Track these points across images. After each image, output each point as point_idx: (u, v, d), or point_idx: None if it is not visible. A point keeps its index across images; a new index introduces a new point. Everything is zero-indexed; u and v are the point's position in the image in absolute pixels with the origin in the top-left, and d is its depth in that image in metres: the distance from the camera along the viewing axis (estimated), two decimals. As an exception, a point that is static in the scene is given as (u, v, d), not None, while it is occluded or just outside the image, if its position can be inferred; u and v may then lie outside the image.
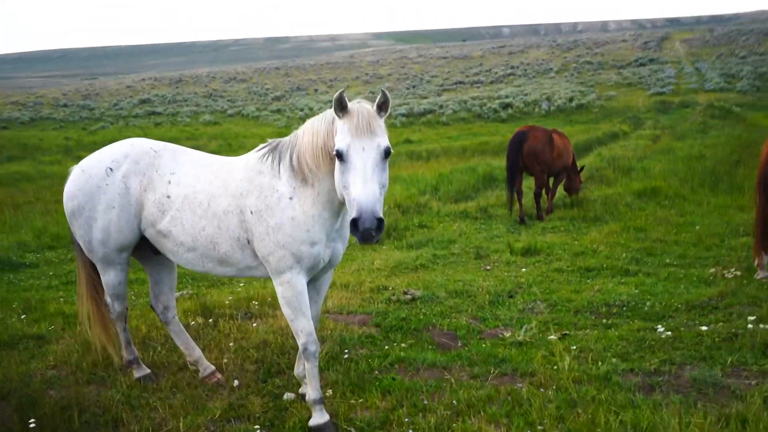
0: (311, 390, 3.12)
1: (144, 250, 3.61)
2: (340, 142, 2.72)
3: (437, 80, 51.34)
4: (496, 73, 51.45)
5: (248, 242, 3.14)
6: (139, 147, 3.42)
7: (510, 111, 30.29)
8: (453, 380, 3.59)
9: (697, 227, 7.71)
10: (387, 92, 2.82)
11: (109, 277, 3.52)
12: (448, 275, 6.20)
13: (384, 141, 2.75)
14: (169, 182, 3.29)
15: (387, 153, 2.75)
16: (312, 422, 3.11)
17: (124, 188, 3.31)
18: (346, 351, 4.14)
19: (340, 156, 2.71)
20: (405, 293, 5.49)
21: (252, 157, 3.24)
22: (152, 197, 3.29)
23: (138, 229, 3.39)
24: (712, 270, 5.74)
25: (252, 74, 72.51)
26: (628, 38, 69.57)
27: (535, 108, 30.49)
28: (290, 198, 3.02)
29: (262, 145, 3.28)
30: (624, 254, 6.67)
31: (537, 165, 8.71)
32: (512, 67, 54.04)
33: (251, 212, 3.07)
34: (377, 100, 2.82)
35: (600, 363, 3.70)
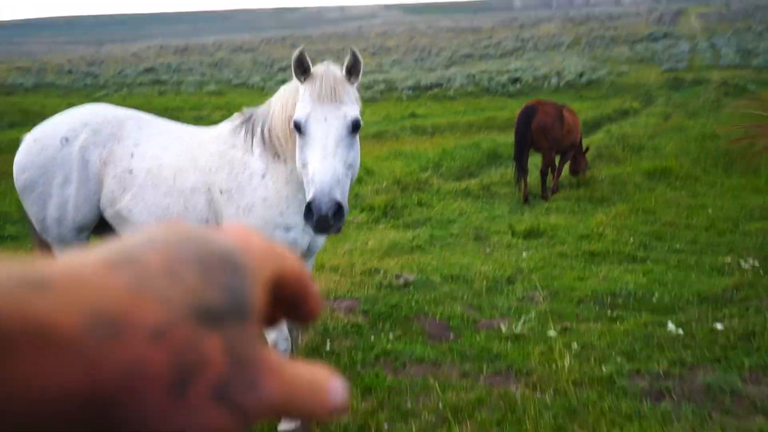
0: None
1: (106, 232, 3.28)
2: (299, 111, 2.35)
3: (446, 53, 50.32)
4: (506, 46, 50.42)
5: (216, 224, 2.80)
6: (100, 115, 3.04)
7: (519, 86, 29.59)
8: (442, 379, 3.29)
9: (710, 210, 7.33)
10: (357, 53, 2.42)
11: None
12: (444, 258, 5.88)
13: (352, 111, 2.36)
14: (132, 155, 2.92)
15: (355, 126, 2.35)
16: (281, 428, 2.84)
17: (83, 161, 2.94)
18: (329, 341, 3.85)
19: (298, 128, 2.35)
20: (398, 277, 5.17)
21: (225, 128, 2.90)
22: (113, 172, 2.92)
23: (98, 208, 3.03)
24: (728, 259, 5.38)
25: (258, 44, 71.44)
26: (642, 12, 68.00)
27: (544, 83, 29.77)
28: (263, 176, 2.69)
29: (236, 115, 2.92)
30: (632, 238, 6.31)
31: (546, 141, 8.31)
32: (522, 41, 52.93)
33: (220, 191, 2.74)
34: (345, 62, 2.43)
35: (603, 363, 3.38)
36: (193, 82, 41.26)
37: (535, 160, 10.72)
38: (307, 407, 0.34)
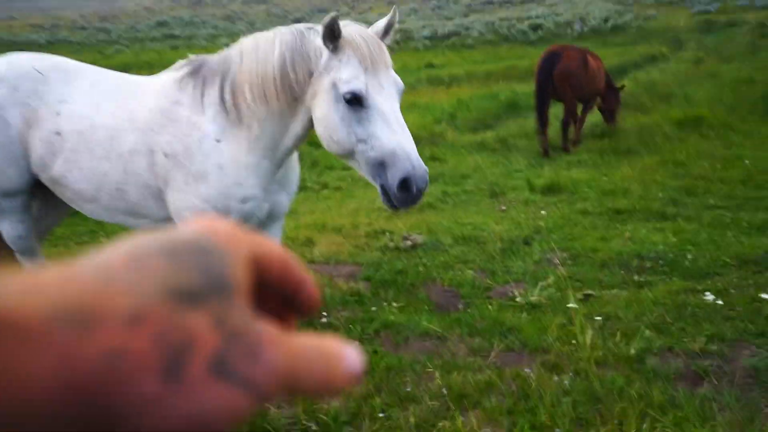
0: None
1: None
2: (354, 82, 2.06)
3: (464, 1, 48.51)
4: (527, -9, 48.33)
5: (160, 191, 2.43)
6: (16, 67, 2.58)
7: (540, 33, 28.37)
8: (447, 357, 2.94)
9: (747, 162, 6.76)
10: (396, 10, 2.24)
11: (3, 229, 2.77)
12: (457, 217, 5.47)
13: (399, 79, 2.20)
14: (59, 113, 2.49)
15: (402, 92, 2.20)
16: None
17: (3, 122, 2.52)
18: (325, 314, 3.51)
19: (355, 100, 2.06)
20: (405, 239, 4.79)
21: (168, 79, 2.46)
22: (38, 134, 2.50)
23: (28, 173, 2.62)
24: (770, 217, 4.90)
25: (272, -5, 69.69)
26: (672, -48, 64.49)
27: (567, 29, 28.49)
28: (217, 140, 2.32)
29: (181, 63, 2.49)
30: (660, 194, 5.82)
31: (569, 88, 7.73)
32: (545, -15, 50.67)
33: (164, 155, 2.35)
34: (387, 19, 2.23)
35: (630, 338, 2.99)
36: (206, 35, 40.50)
37: (555, 111, 10.14)
38: (320, 377, 0.32)
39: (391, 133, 2.05)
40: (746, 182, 6.06)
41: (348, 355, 0.34)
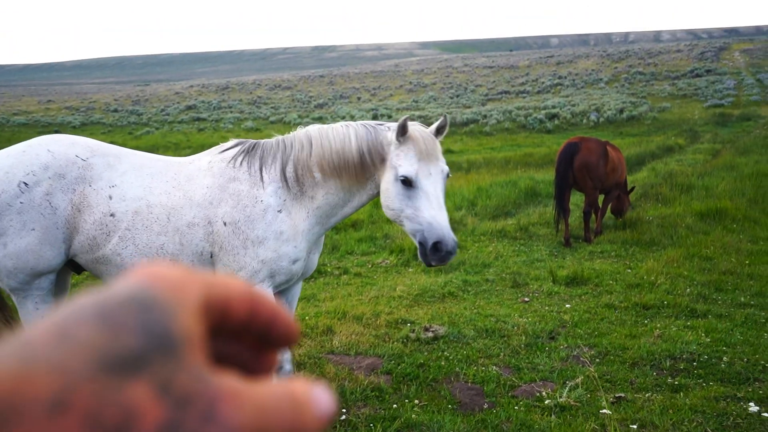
0: None
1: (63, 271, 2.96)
2: (407, 168, 2.66)
3: (482, 89, 50.25)
4: (543, 83, 50.02)
5: (211, 256, 2.77)
6: (61, 156, 2.71)
7: (556, 122, 29.06)
8: (473, 464, 2.77)
9: (777, 258, 6.63)
10: (447, 117, 2.82)
11: (26, 310, 2.77)
12: (479, 307, 5.36)
13: (445, 166, 2.76)
14: (110, 197, 2.69)
15: (447, 176, 2.76)
16: None
17: (50, 208, 2.63)
18: (345, 410, 3.37)
19: (407, 182, 2.65)
20: (426, 330, 4.69)
21: (216, 160, 2.82)
22: (91, 218, 2.65)
23: (65, 255, 2.75)
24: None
25: (297, 82, 72.97)
26: (683, 48, 66.84)
27: (583, 119, 29.18)
28: (279, 211, 2.77)
29: (223, 146, 2.88)
30: (688, 289, 5.68)
31: (589, 180, 7.76)
32: (560, 77, 52.49)
33: (225, 223, 2.72)
34: (437, 123, 2.81)
35: (669, 449, 2.81)
36: (232, 119, 42.18)
37: (576, 200, 10.16)
38: (289, 425, 0.30)
39: (430, 209, 2.62)
40: (776, 279, 5.90)
41: (316, 397, 0.32)
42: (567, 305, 5.38)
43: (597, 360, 4.12)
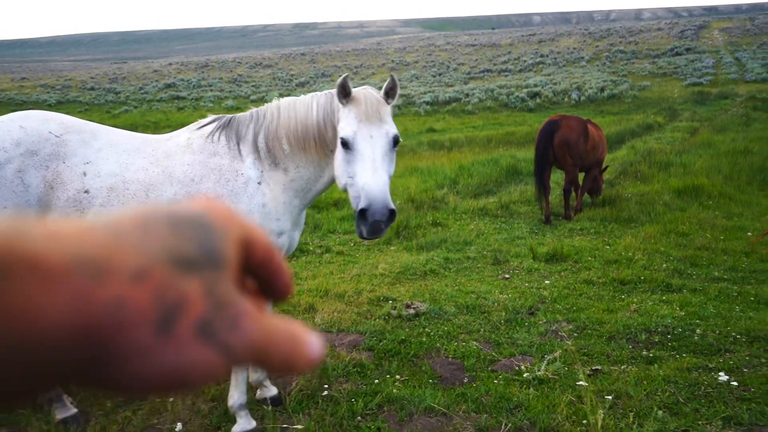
0: (236, 393, 2.91)
1: None
2: (346, 129, 2.54)
3: (464, 68, 50.08)
4: (525, 61, 49.99)
5: None
6: (34, 132, 2.64)
7: (538, 100, 29.12)
8: (453, 436, 2.83)
9: (749, 233, 6.78)
10: (395, 77, 2.65)
11: None
12: (460, 284, 5.42)
13: (392, 128, 2.58)
14: (85, 174, 2.62)
15: (396, 141, 2.56)
16: (236, 429, 2.86)
17: (21, 185, 2.56)
18: (327, 386, 3.41)
19: (345, 144, 2.53)
20: (408, 307, 4.73)
21: (194, 136, 2.79)
22: (64, 195, 2.58)
23: None
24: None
25: (278, 60, 71.99)
26: (663, 27, 67.11)
27: (564, 97, 29.28)
28: (259, 183, 2.74)
29: (201, 122, 2.84)
30: (664, 264, 5.79)
31: (569, 158, 7.81)
32: (542, 56, 52.46)
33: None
34: (385, 85, 2.65)
35: (644, 419, 2.89)
36: (212, 97, 41.57)
37: (556, 178, 10.24)
38: (286, 355, 0.36)
39: (366, 173, 2.44)
40: (749, 254, 6.04)
41: (311, 341, 0.37)
42: (546, 281, 5.46)
43: (575, 334, 4.20)
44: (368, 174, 2.43)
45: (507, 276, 5.71)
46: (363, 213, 2.39)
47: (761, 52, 42.99)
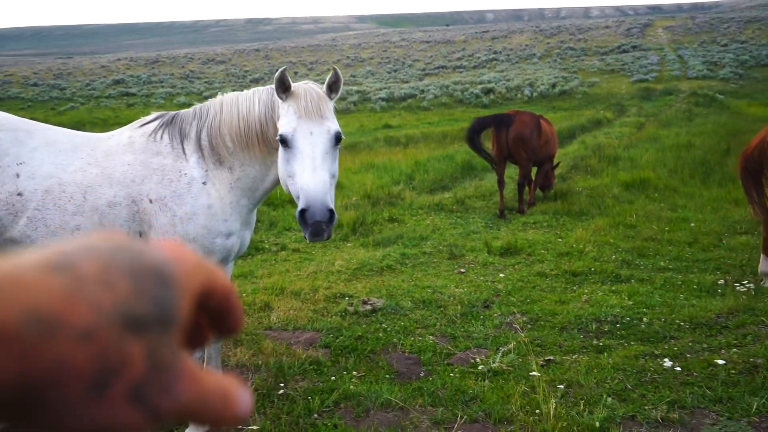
0: None
1: None
2: (285, 126, 2.42)
3: (419, 64, 50.39)
4: (479, 58, 50.66)
5: (140, 235, 2.59)
6: None
7: (492, 96, 29.56)
8: (410, 430, 2.85)
9: (692, 224, 7.05)
10: (338, 71, 2.54)
11: None
12: (416, 279, 5.45)
13: (334, 125, 2.47)
14: (18, 175, 2.46)
15: (338, 139, 2.46)
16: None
17: None
18: (283, 385, 3.38)
19: (284, 142, 2.41)
20: (365, 303, 4.73)
21: (136, 135, 2.65)
22: None
23: None
24: (721, 281, 5.04)
25: (231, 56, 70.75)
26: (611, 24, 69.08)
27: (517, 93, 29.81)
28: (204, 183, 2.61)
29: (144, 120, 2.70)
30: (614, 255, 5.97)
31: (524, 152, 7.96)
32: (495, 53, 53.25)
33: (150, 201, 2.54)
34: (327, 79, 2.55)
35: (593, 405, 2.97)
36: (163, 93, 40.54)
37: (510, 173, 10.41)
38: (216, 412, 0.37)
39: (305, 173, 2.34)
40: (692, 244, 6.29)
41: (241, 397, 0.39)
42: (501, 275, 5.55)
43: (528, 326, 4.28)
44: (307, 173, 2.33)
45: (463, 270, 5.78)
46: (303, 214, 2.31)
47: (702, 50, 44.81)
